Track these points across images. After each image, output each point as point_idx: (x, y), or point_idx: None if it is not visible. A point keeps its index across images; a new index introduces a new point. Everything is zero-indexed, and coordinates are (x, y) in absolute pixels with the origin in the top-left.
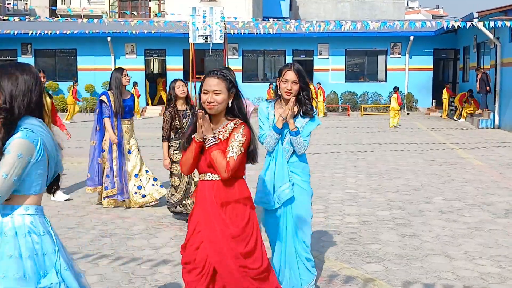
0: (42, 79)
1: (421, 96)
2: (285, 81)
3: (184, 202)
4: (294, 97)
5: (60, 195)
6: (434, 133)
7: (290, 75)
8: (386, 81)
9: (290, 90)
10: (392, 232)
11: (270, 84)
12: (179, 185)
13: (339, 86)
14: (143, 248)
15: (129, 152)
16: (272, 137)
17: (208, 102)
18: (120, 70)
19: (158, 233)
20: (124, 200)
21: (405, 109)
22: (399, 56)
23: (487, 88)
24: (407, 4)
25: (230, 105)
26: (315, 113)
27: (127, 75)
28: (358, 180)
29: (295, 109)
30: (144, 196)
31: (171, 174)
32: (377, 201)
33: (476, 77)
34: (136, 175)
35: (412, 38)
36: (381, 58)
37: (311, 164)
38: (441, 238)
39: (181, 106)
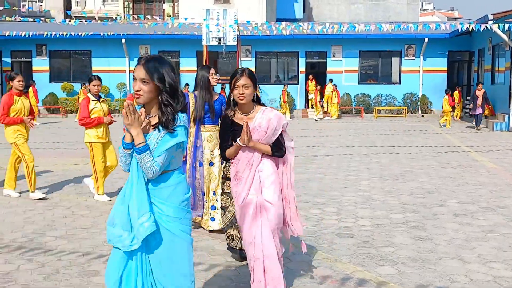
0: (18, 83)
1: (435, 99)
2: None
3: (231, 231)
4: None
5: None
6: (448, 136)
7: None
8: (400, 83)
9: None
10: (406, 235)
11: (285, 85)
12: (228, 206)
13: (352, 88)
14: None
15: (211, 164)
16: (122, 154)
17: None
18: (207, 68)
19: None
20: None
21: (419, 111)
22: (413, 58)
23: (487, 105)
24: (422, 6)
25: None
26: (179, 125)
27: (216, 73)
28: (372, 182)
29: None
30: (213, 219)
31: (222, 192)
32: (391, 203)
33: (475, 93)
34: (214, 193)
35: (426, 40)
36: (395, 60)
37: (324, 166)
38: (455, 241)
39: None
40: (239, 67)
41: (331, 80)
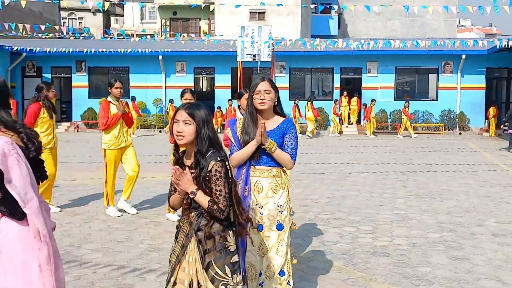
0: (116, 90)
1: (473, 116)
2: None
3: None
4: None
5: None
6: (486, 154)
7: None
8: (437, 100)
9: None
10: (443, 255)
11: (309, 100)
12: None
13: (388, 104)
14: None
15: (260, 227)
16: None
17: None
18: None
19: None
20: None
21: (457, 129)
22: (451, 74)
23: None
24: (459, 22)
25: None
26: None
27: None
28: (408, 200)
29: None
30: None
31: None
32: (427, 222)
33: (508, 111)
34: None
35: (464, 56)
36: (432, 76)
37: (359, 183)
38: (494, 262)
39: None
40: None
41: (373, 100)
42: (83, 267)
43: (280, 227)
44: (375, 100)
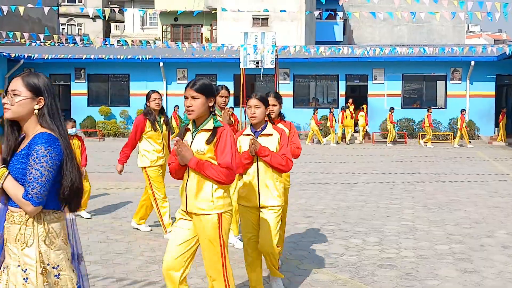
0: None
1: (483, 124)
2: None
3: None
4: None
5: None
6: (496, 163)
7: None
8: (446, 108)
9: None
10: (451, 267)
11: (315, 110)
12: None
13: (395, 112)
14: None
15: None
16: None
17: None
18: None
19: None
20: None
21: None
22: (460, 81)
23: None
24: (468, 28)
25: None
26: None
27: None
28: (415, 211)
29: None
30: None
31: None
32: (436, 234)
33: None
34: None
35: (473, 63)
36: (440, 84)
37: (365, 194)
38: (504, 274)
39: None
40: (277, 90)
41: (392, 109)
42: None
43: None
44: (393, 108)
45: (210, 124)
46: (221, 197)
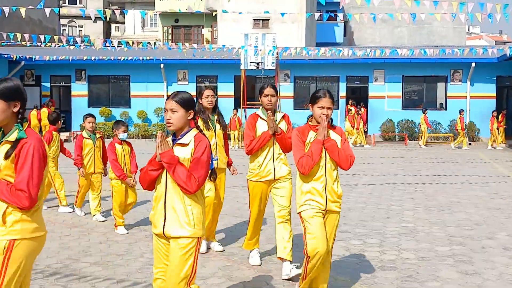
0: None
1: (483, 126)
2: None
3: None
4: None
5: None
6: (497, 165)
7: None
8: (446, 109)
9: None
10: (452, 269)
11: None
12: None
13: (395, 114)
14: None
15: None
16: None
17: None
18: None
19: (206, 262)
20: None
21: (467, 139)
22: (460, 83)
23: None
24: (468, 30)
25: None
26: None
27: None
28: (416, 213)
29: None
30: None
31: None
32: (436, 235)
33: None
34: None
35: (473, 64)
36: (440, 85)
37: (366, 195)
38: (505, 276)
39: None
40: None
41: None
42: (82, 281)
43: None
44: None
45: (14, 135)
46: (17, 220)
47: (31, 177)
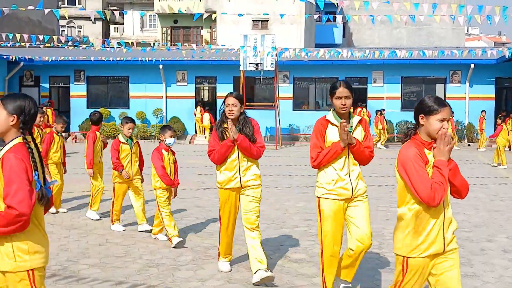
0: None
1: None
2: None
3: None
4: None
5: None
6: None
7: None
8: None
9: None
10: None
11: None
12: None
13: (394, 115)
14: (190, 280)
15: None
16: None
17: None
18: None
19: (205, 264)
20: None
21: (466, 140)
22: (459, 84)
23: None
24: (467, 31)
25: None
26: None
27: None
28: None
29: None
30: None
31: None
32: None
33: None
34: None
35: (472, 66)
36: (439, 86)
37: None
38: (504, 279)
39: None
40: (277, 92)
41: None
42: (81, 282)
43: None
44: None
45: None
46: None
47: (18, 191)
